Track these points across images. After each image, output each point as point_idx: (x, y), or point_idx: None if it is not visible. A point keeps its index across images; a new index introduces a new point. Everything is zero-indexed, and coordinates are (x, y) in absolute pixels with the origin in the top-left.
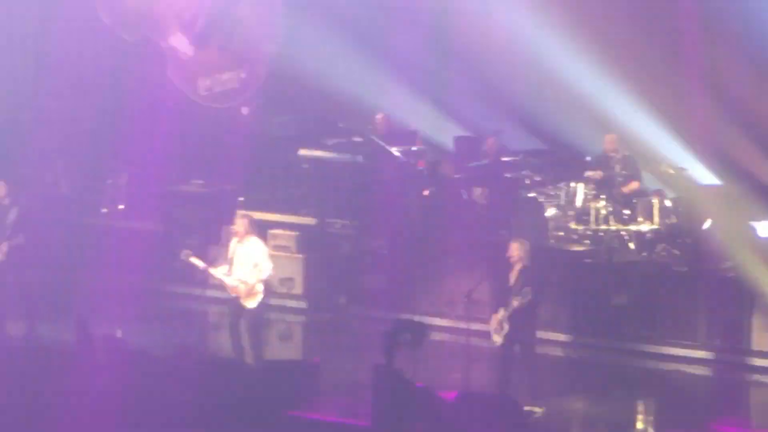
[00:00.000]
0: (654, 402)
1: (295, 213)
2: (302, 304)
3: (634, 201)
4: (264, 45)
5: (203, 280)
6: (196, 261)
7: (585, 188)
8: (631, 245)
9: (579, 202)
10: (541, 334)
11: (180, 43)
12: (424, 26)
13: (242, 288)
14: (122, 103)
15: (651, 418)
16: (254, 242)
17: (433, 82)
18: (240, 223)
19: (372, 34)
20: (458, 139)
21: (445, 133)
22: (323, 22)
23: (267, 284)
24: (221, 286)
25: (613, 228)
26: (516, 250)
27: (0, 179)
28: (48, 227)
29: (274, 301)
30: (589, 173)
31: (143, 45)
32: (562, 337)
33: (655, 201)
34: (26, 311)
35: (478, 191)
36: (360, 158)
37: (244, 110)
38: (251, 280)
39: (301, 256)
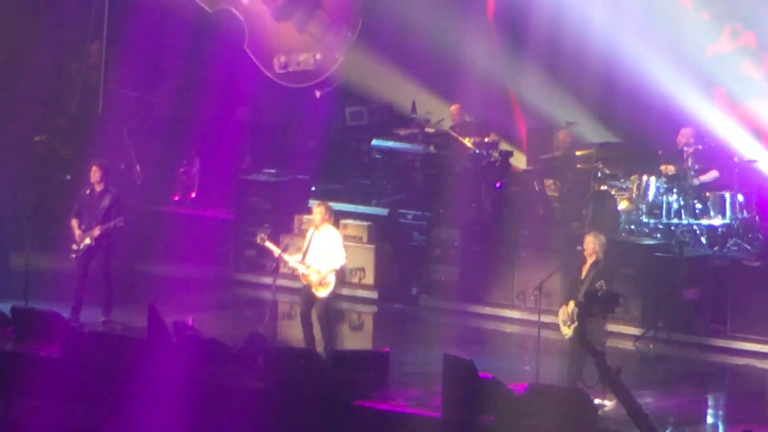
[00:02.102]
0: (724, 397)
1: (367, 203)
2: (373, 294)
3: (707, 195)
4: (342, 31)
5: (274, 268)
6: (270, 245)
7: (657, 182)
8: (703, 239)
9: (651, 195)
10: (611, 327)
11: (260, 15)
12: (497, 17)
13: (314, 277)
14: (196, 89)
15: (721, 413)
16: (330, 231)
17: (507, 74)
18: (317, 212)
19: (433, 25)
20: (531, 131)
21: (518, 125)
22: (401, 12)
23: (339, 274)
24: (293, 275)
25: (685, 222)
26: (589, 243)
27: (95, 164)
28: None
29: (345, 291)
30: (661, 167)
31: (222, 15)
32: (632, 330)
33: (727, 195)
34: (104, 298)
35: (550, 183)
36: (432, 149)
37: (317, 93)
38: (324, 269)
39: (372, 246)
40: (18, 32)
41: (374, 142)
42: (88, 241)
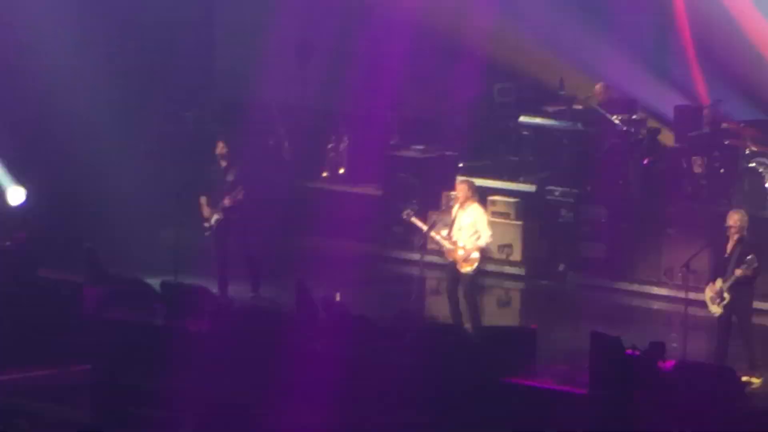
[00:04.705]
0: None
1: (515, 180)
2: (520, 271)
3: None
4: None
5: (421, 244)
6: (417, 221)
7: None
8: None
9: None
10: (757, 305)
11: None
12: None
13: (460, 253)
14: (343, 64)
15: None
16: (475, 208)
17: (654, 50)
18: (461, 189)
19: (594, 2)
20: (678, 108)
21: (665, 102)
22: None
23: (485, 250)
24: (439, 251)
25: None
26: (735, 220)
27: (220, 140)
28: (271, 190)
29: (492, 267)
30: None
31: None
32: None
33: None
34: (251, 273)
35: (697, 160)
36: (580, 126)
37: None
38: (469, 245)
39: (519, 222)
40: (172, 9)
41: (522, 118)
42: (217, 216)
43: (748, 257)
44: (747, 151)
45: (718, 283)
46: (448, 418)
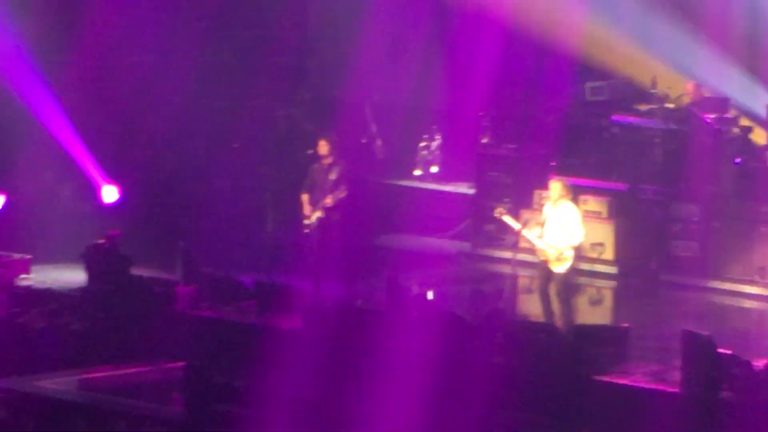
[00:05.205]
0: None
1: (607, 178)
2: (612, 270)
3: None
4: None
5: (513, 243)
6: (509, 220)
7: None
8: None
9: None
10: None
11: None
12: None
13: (552, 252)
14: (436, 62)
15: None
16: (567, 207)
17: (746, 49)
18: (554, 187)
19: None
20: None
21: (758, 100)
22: None
23: (577, 249)
24: (531, 250)
25: None
26: None
27: (322, 138)
28: (363, 189)
29: (584, 266)
30: None
31: None
32: None
33: None
34: (345, 271)
35: None
36: (672, 124)
37: None
38: (562, 244)
39: (612, 221)
40: (266, 6)
41: (614, 117)
42: (319, 214)
43: None
44: None
45: None
46: (539, 417)
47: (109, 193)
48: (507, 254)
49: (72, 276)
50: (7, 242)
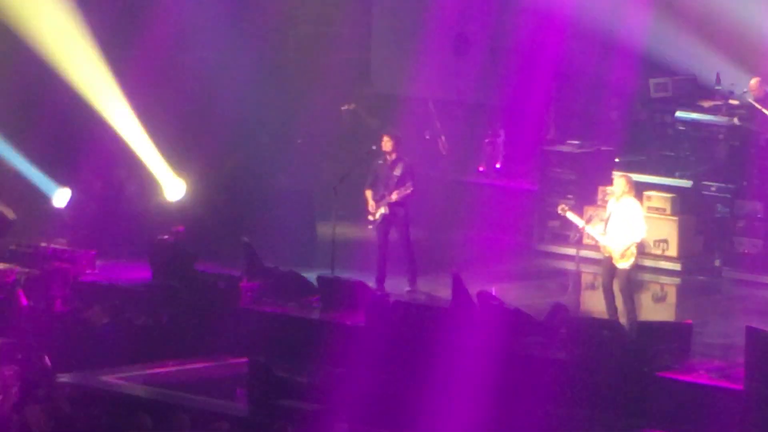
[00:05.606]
0: None
1: (671, 175)
2: (676, 266)
3: None
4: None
5: (577, 239)
6: (572, 216)
7: None
8: None
9: None
10: None
11: None
12: None
13: (616, 249)
14: (499, 58)
15: None
16: (631, 203)
17: None
18: (618, 183)
19: None
20: None
21: None
22: None
23: (640, 245)
24: (595, 246)
25: None
26: None
27: (386, 134)
28: (428, 185)
29: (648, 263)
30: None
31: None
32: None
33: None
34: (408, 267)
35: None
36: (736, 121)
37: None
38: (625, 241)
39: (675, 218)
40: (329, 3)
41: (678, 113)
42: (383, 210)
43: None
44: None
45: None
46: (602, 413)
47: (174, 189)
48: (571, 251)
49: (136, 271)
50: (73, 237)
